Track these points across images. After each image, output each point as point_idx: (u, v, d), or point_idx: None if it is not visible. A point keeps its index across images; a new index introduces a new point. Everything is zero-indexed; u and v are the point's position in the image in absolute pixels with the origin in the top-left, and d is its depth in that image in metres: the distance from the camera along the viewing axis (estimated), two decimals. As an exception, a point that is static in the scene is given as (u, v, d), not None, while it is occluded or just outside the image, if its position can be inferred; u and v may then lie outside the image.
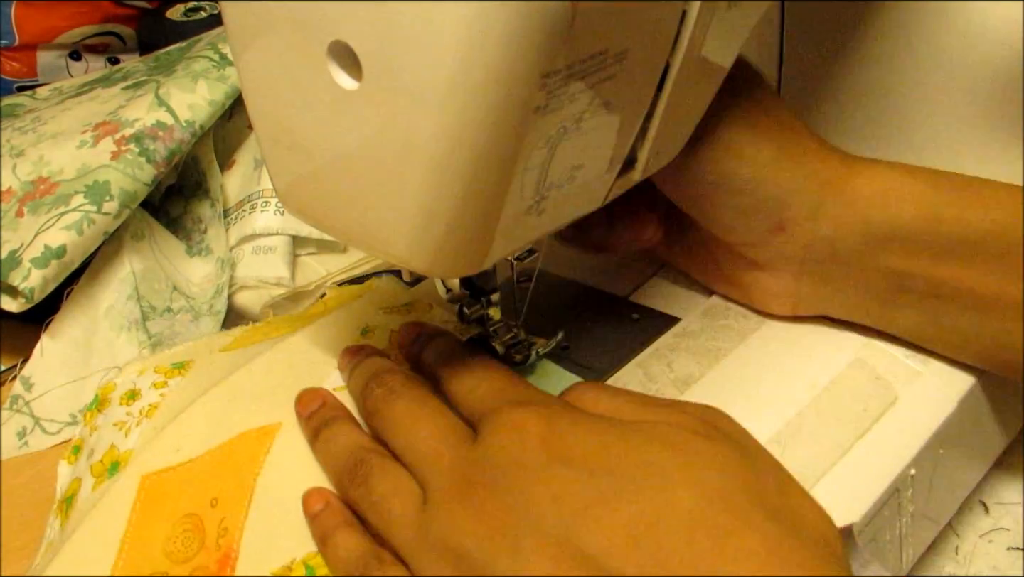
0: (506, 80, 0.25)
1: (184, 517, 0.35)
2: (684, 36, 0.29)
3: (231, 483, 0.35)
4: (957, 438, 0.40)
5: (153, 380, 0.42)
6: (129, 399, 0.41)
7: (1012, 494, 0.45)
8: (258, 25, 0.29)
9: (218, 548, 0.34)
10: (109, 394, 0.42)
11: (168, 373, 0.42)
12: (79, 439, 0.42)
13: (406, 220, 0.28)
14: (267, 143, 0.32)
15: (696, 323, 0.43)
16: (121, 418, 0.40)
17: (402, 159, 0.27)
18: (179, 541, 0.35)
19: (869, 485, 0.36)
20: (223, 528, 0.34)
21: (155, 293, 0.56)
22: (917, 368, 0.40)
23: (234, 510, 0.35)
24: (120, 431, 0.40)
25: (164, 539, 0.35)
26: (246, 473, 0.36)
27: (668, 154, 0.35)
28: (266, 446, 0.36)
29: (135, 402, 0.41)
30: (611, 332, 0.43)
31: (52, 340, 0.54)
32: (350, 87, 0.27)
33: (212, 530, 0.34)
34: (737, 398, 0.38)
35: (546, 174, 0.29)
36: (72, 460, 0.41)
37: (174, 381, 0.41)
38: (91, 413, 0.42)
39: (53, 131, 0.59)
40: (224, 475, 0.36)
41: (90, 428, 0.42)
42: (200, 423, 0.38)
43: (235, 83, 0.60)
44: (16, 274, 0.51)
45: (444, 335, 0.39)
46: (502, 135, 0.26)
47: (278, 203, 0.58)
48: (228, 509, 0.35)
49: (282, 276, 0.57)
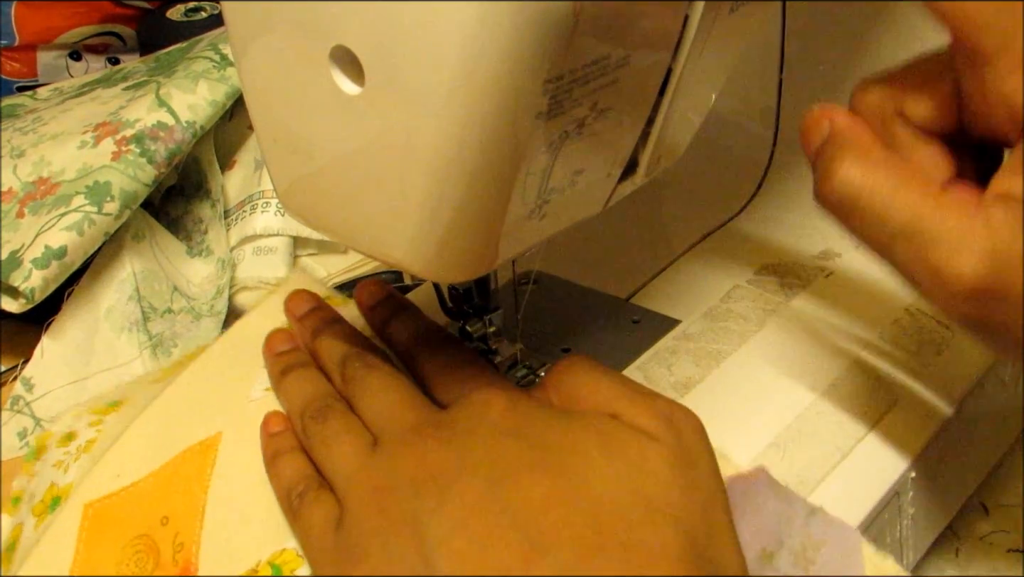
0: (508, 85, 0.25)
1: (134, 539, 0.35)
2: (687, 40, 0.29)
3: (181, 499, 0.35)
4: (957, 440, 0.40)
5: (89, 420, 0.41)
6: (66, 440, 0.41)
7: (1012, 496, 0.45)
8: (259, 26, 0.29)
9: (175, 563, 0.34)
10: (46, 441, 0.42)
11: (103, 412, 0.42)
12: (18, 490, 0.42)
13: (407, 223, 0.28)
14: (268, 144, 0.32)
15: (696, 325, 0.43)
16: (59, 458, 0.40)
17: (404, 163, 0.27)
18: (131, 563, 0.34)
19: (869, 487, 0.36)
20: (178, 543, 0.34)
21: (156, 294, 0.56)
22: (917, 370, 0.40)
23: (187, 524, 0.34)
24: (58, 469, 0.40)
25: (115, 563, 0.34)
26: (195, 487, 0.35)
27: (670, 158, 0.35)
28: (211, 458, 0.36)
29: (72, 442, 0.41)
30: (611, 334, 0.43)
31: (53, 341, 0.54)
32: (352, 91, 0.27)
33: (166, 547, 0.34)
34: (737, 401, 0.39)
35: (548, 179, 0.29)
36: (12, 511, 0.41)
37: (109, 417, 0.41)
38: (29, 463, 0.42)
39: (54, 132, 0.59)
40: (172, 493, 0.36)
41: (28, 476, 0.41)
42: (138, 446, 0.38)
43: (236, 84, 0.60)
44: (17, 275, 0.51)
45: (410, 309, 0.39)
46: (504, 140, 0.26)
47: (279, 204, 0.58)
48: (181, 524, 0.34)
49: (282, 277, 0.58)
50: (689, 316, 0.44)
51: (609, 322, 0.44)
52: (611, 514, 0.28)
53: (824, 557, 0.31)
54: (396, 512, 0.29)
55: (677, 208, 0.54)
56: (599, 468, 0.29)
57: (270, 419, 0.36)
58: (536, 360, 0.40)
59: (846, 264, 0.47)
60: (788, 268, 0.47)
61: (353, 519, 0.30)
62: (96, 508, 0.36)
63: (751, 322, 0.43)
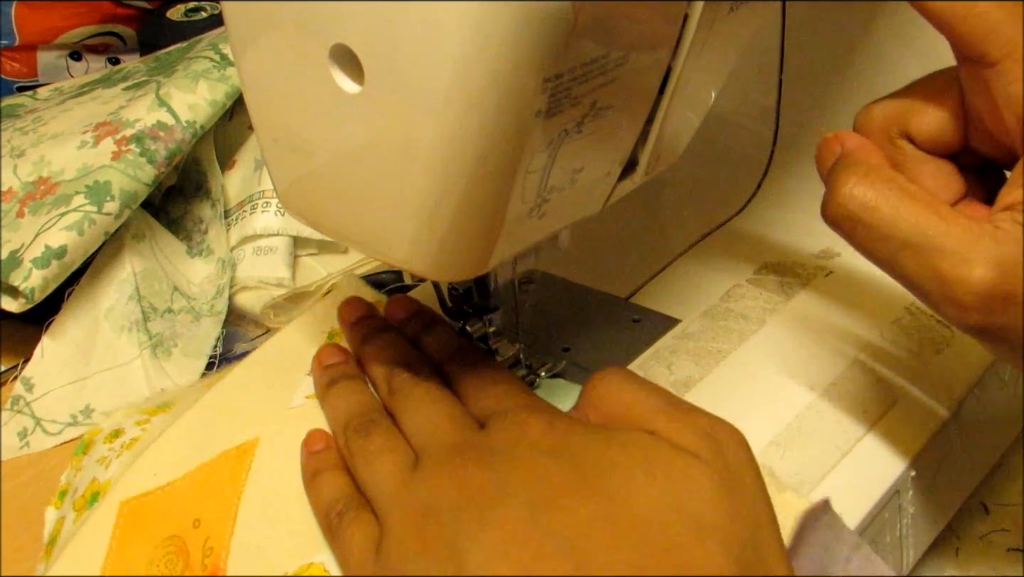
0: (508, 84, 0.25)
1: (166, 540, 0.35)
2: (686, 40, 0.29)
3: (213, 503, 0.35)
4: (957, 439, 0.40)
5: (137, 419, 0.42)
6: (112, 437, 0.41)
7: (1012, 495, 0.45)
8: (259, 26, 0.29)
9: (203, 568, 0.34)
10: (94, 437, 0.42)
11: (152, 412, 0.42)
12: (65, 484, 0.42)
13: (407, 222, 0.29)
14: (268, 144, 0.32)
15: (696, 325, 0.43)
16: (104, 454, 0.40)
17: (403, 161, 0.27)
18: (162, 564, 0.34)
19: (869, 487, 0.36)
20: (208, 548, 0.34)
21: (156, 294, 0.56)
22: (917, 369, 0.40)
23: (218, 529, 0.34)
24: (101, 465, 0.40)
25: (146, 562, 0.34)
26: (228, 491, 0.35)
27: (670, 156, 0.35)
28: (247, 463, 0.36)
29: (117, 439, 0.41)
30: (611, 334, 0.43)
31: (53, 341, 0.54)
32: (352, 90, 0.27)
33: (196, 551, 0.34)
34: (737, 400, 0.38)
35: (547, 177, 0.29)
36: (58, 504, 0.41)
37: (156, 418, 0.41)
38: (77, 457, 0.42)
39: (54, 131, 0.59)
40: (205, 495, 0.36)
41: (75, 470, 0.42)
42: (177, 447, 0.38)
43: (236, 83, 0.60)
44: (17, 274, 0.51)
45: (442, 324, 0.39)
46: (503, 139, 0.26)
47: (279, 204, 0.58)
48: (212, 529, 0.34)
49: (283, 277, 0.58)
50: (689, 315, 0.44)
51: (609, 321, 0.44)
52: (658, 535, 0.27)
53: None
54: (435, 537, 0.29)
55: (677, 207, 0.54)
56: (642, 488, 0.28)
57: (312, 437, 0.36)
58: (536, 360, 0.40)
59: (846, 263, 0.47)
60: (788, 267, 0.47)
61: (393, 542, 0.30)
62: (132, 506, 0.36)
63: (751, 321, 0.43)
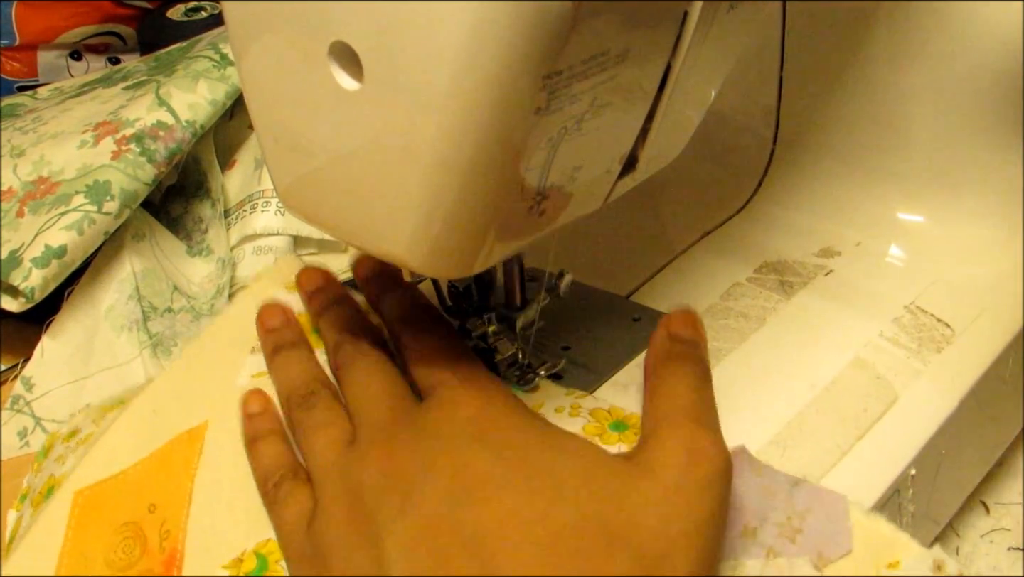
0: (507, 81, 0.25)
1: (121, 526, 0.35)
2: (685, 37, 0.29)
3: (168, 487, 0.36)
4: (957, 438, 0.40)
5: (94, 418, 0.42)
6: (70, 437, 0.42)
7: (1012, 494, 0.45)
8: (259, 25, 0.29)
9: (162, 550, 0.34)
10: (54, 441, 0.43)
11: (108, 409, 0.42)
12: (25, 488, 0.42)
13: (406, 219, 0.28)
14: (268, 143, 0.32)
15: (697, 323, 0.43)
16: (61, 452, 0.41)
17: (403, 159, 0.27)
18: (119, 549, 0.35)
19: (870, 485, 0.36)
20: (165, 531, 0.35)
21: (156, 293, 0.56)
22: (917, 368, 0.40)
23: (174, 512, 0.35)
24: (58, 463, 0.40)
25: (103, 550, 0.35)
26: (182, 475, 0.36)
27: (670, 154, 0.35)
28: (198, 447, 0.37)
29: (74, 437, 0.41)
30: (611, 332, 0.43)
31: (53, 340, 0.54)
32: (351, 87, 0.27)
33: (153, 535, 0.35)
34: (737, 399, 0.38)
35: (547, 174, 0.29)
36: (19, 507, 0.41)
37: (112, 414, 0.42)
38: (38, 461, 0.43)
39: (54, 131, 0.59)
40: (159, 481, 0.36)
41: (35, 473, 0.42)
42: (127, 435, 0.38)
43: (236, 83, 0.60)
44: (17, 274, 0.51)
45: (403, 287, 0.39)
46: (503, 136, 0.26)
47: (279, 203, 0.58)
48: (168, 512, 0.35)
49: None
50: (689, 314, 0.44)
51: (609, 320, 0.44)
52: (569, 539, 0.27)
53: (810, 524, 0.30)
54: (360, 518, 0.29)
55: (677, 206, 0.54)
56: (570, 495, 0.28)
57: (249, 399, 0.37)
58: (536, 359, 0.40)
59: (846, 262, 0.47)
60: (788, 266, 0.47)
61: (322, 518, 0.31)
62: (86, 495, 0.37)
63: (751, 320, 0.43)
